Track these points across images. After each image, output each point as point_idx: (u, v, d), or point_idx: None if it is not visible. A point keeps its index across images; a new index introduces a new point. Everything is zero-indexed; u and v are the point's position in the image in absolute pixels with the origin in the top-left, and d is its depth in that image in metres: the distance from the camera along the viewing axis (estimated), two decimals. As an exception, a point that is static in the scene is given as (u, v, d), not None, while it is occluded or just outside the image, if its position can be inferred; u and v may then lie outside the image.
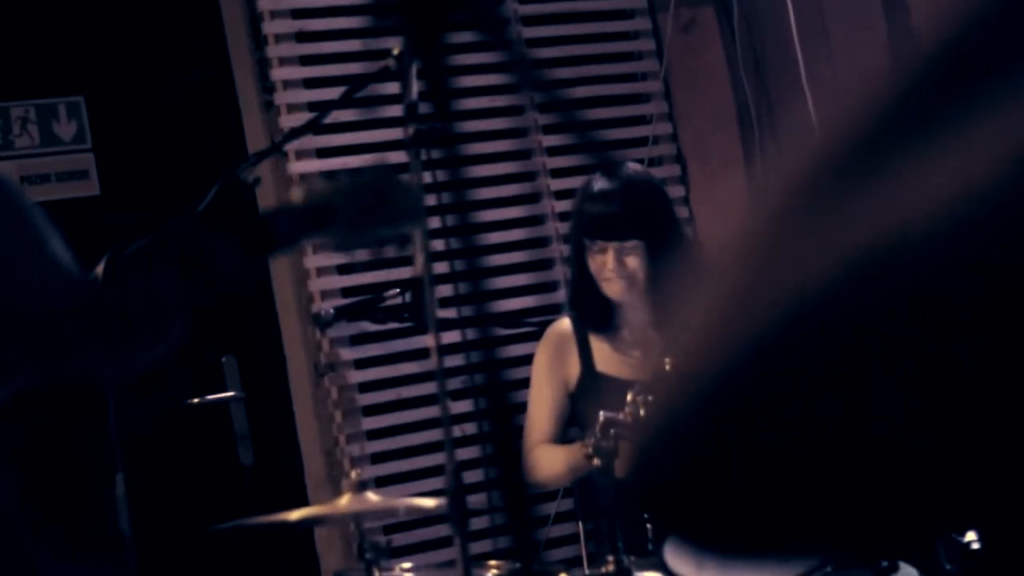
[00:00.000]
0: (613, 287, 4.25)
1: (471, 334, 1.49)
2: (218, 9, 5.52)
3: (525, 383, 4.49)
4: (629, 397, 3.53)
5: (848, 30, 5.50)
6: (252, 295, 5.38)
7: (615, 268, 4.22)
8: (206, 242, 2.75)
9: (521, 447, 4.30)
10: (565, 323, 4.46)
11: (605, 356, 4.34)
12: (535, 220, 5.83)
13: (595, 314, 4.35)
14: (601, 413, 3.48)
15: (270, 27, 5.53)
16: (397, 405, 5.51)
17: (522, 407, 4.44)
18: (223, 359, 5.31)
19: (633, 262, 4.22)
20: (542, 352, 4.46)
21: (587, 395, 4.28)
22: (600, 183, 4.27)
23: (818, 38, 5.57)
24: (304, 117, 5.45)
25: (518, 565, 3.82)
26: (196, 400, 5.25)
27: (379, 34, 5.14)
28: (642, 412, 3.46)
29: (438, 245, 3.28)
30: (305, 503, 5.04)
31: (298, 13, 5.56)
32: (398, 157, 5.14)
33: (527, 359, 4.53)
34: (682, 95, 6.15)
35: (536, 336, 4.62)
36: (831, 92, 5.54)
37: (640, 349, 4.32)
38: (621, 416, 3.47)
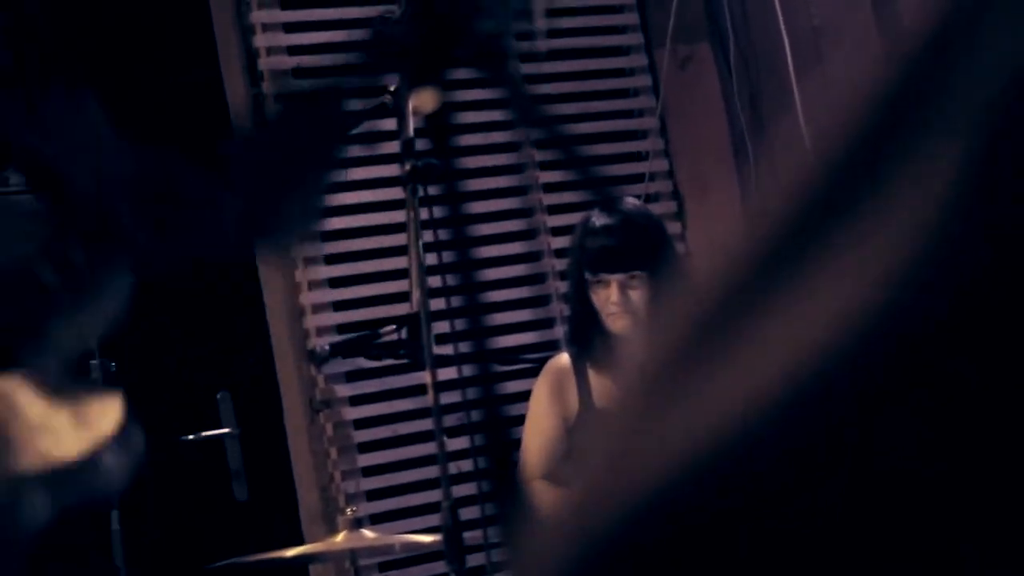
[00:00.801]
0: (618, 322, 4.24)
1: (468, 370, 1.48)
2: (213, 43, 5.53)
3: (523, 420, 4.48)
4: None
5: (845, 63, 5.51)
6: (247, 331, 5.37)
7: (619, 302, 4.21)
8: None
9: (517, 478, 4.28)
10: (564, 358, 4.45)
11: (604, 391, 4.33)
12: (532, 256, 5.82)
13: (597, 349, 4.34)
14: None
15: (265, 63, 5.53)
16: (393, 442, 5.50)
17: (518, 444, 4.43)
18: (218, 395, 5.29)
19: (637, 295, 4.21)
20: (541, 386, 4.45)
21: (585, 430, 4.27)
22: (601, 218, 4.27)
23: (814, 72, 5.58)
24: (300, 153, 5.44)
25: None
26: (191, 436, 5.23)
27: (375, 71, 5.14)
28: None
29: (434, 281, 3.28)
30: (300, 540, 5.02)
31: (293, 50, 5.56)
32: (394, 193, 5.15)
33: (524, 395, 4.52)
34: (678, 131, 6.16)
35: (533, 372, 4.61)
36: (828, 126, 5.55)
37: None
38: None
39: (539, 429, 4.40)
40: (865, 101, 0.79)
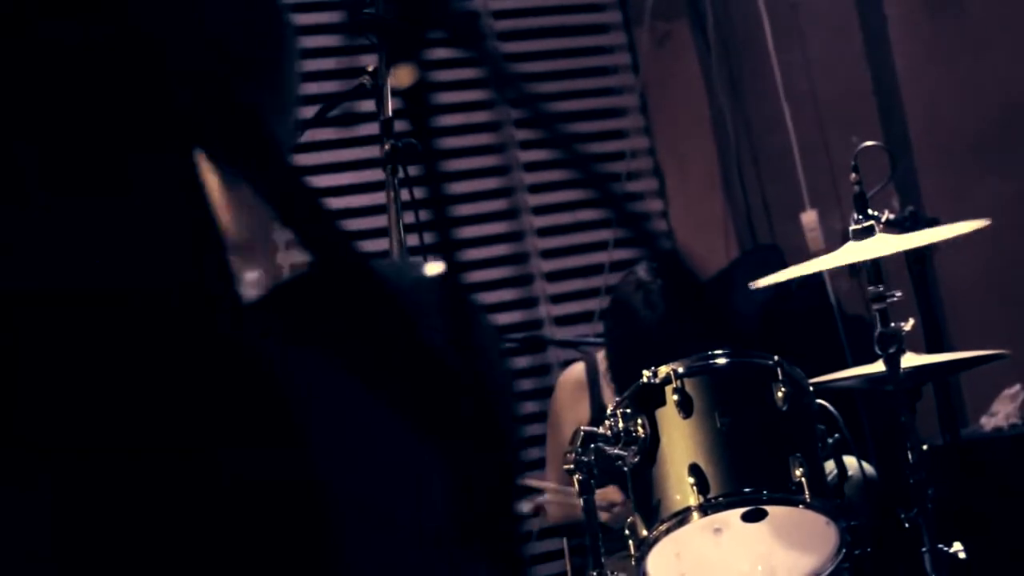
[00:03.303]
0: None
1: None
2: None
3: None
4: (609, 409, 3.52)
5: (824, 39, 5.51)
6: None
7: None
8: None
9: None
10: (579, 368, 4.46)
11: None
12: (514, 236, 5.82)
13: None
14: (581, 427, 3.47)
15: (245, 46, 5.51)
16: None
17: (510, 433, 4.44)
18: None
19: None
20: (557, 399, 4.48)
21: None
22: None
23: (794, 47, 5.57)
24: (280, 136, 5.43)
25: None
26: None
27: (354, 52, 5.13)
28: (621, 425, 3.45)
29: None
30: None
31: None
32: (375, 175, 5.14)
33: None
34: (658, 108, 6.15)
35: (517, 352, 4.62)
36: (807, 100, 5.55)
37: None
38: (601, 430, 3.46)
39: (555, 441, 4.42)
40: None
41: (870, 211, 3.66)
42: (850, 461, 3.81)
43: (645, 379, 3.49)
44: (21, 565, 1.24)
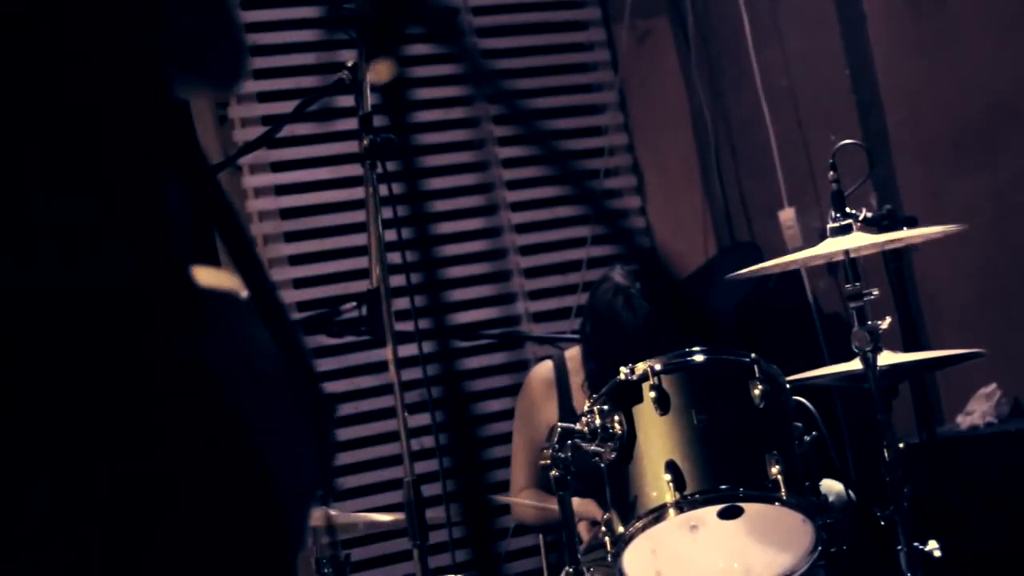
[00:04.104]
0: None
1: (428, 347, 1.48)
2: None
3: (482, 395, 4.48)
4: (586, 406, 3.52)
5: (802, 36, 5.51)
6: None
7: None
8: None
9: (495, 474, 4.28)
10: (547, 367, 4.41)
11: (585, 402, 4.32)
12: (492, 232, 5.82)
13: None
14: (558, 424, 3.47)
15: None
16: (355, 419, 5.49)
17: (480, 419, 4.42)
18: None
19: None
20: (522, 399, 4.42)
21: None
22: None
23: (773, 44, 5.58)
24: (258, 131, 5.42)
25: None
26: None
27: (332, 47, 5.12)
28: (598, 421, 3.45)
29: (394, 258, 3.27)
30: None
31: (252, 27, 5.53)
32: (353, 170, 5.13)
33: (485, 371, 4.52)
34: (637, 105, 6.15)
35: (494, 348, 4.60)
36: (786, 98, 5.55)
37: None
38: (578, 426, 3.46)
39: (521, 444, 4.39)
40: None
41: (848, 209, 3.67)
42: (831, 485, 3.82)
43: (622, 376, 3.48)
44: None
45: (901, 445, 3.57)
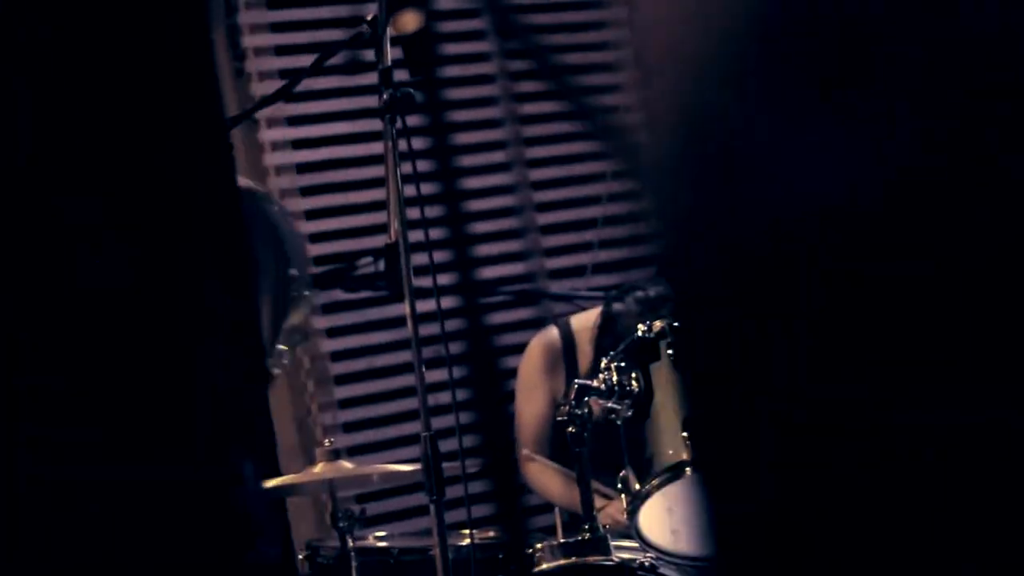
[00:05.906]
0: None
1: (446, 302, 1.48)
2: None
3: (501, 351, 4.46)
4: (603, 363, 3.52)
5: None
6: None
7: None
8: None
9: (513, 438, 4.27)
10: (552, 335, 4.40)
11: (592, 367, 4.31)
12: (510, 188, 5.80)
13: None
14: (576, 380, 3.47)
15: (242, -7, 5.49)
16: (370, 374, 5.49)
17: (499, 376, 4.41)
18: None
19: None
20: (528, 362, 4.41)
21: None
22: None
23: None
24: (275, 84, 5.40)
25: (494, 533, 3.81)
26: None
27: (353, 1, 5.10)
28: (615, 379, 3.45)
29: (412, 214, 3.26)
30: (277, 472, 5.01)
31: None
32: (372, 124, 5.11)
33: (503, 327, 4.51)
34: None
35: (512, 305, 4.59)
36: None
37: None
38: (595, 383, 3.46)
39: (530, 407, 4.37)
40: None
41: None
42: None
43: (640, 333, 3.48)
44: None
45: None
